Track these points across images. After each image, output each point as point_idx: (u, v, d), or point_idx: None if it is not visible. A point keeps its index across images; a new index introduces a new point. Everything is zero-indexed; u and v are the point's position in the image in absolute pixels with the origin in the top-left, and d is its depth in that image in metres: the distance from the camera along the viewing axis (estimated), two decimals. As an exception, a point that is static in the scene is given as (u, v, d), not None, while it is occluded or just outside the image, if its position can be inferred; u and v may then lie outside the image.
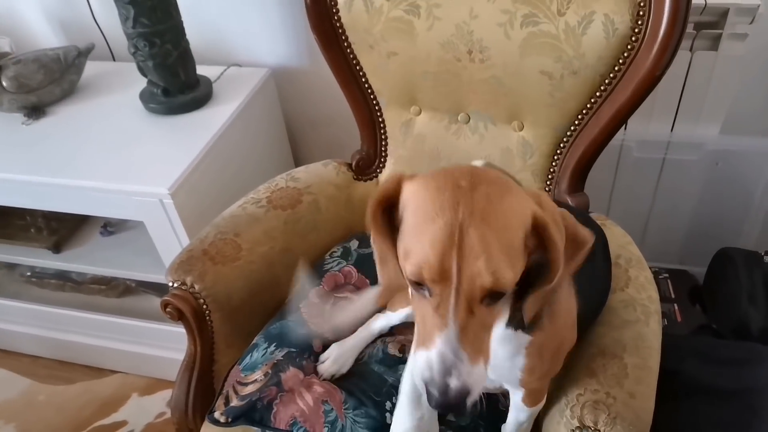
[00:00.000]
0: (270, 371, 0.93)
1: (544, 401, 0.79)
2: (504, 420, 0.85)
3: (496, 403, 0.90)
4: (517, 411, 0.79)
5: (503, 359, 0.68)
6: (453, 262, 0.50)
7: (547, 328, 0.67)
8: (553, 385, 0.81)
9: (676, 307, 1.30)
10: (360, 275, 1.11)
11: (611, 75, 0.93)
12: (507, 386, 0.77)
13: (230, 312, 1.03)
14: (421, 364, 0.53)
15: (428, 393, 0.53)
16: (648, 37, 0.88)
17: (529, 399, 0.77)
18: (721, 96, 1.23)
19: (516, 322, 0.65)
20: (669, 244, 1.50)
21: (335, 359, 0.96)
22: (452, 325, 0.51)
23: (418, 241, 0.52)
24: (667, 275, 1.40)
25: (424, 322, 0.54)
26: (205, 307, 0.99)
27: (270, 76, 1.52)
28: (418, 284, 0.53)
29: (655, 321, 0.84)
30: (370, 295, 1.03)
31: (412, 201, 0.54)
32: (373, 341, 1.00)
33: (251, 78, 1.48)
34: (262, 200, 1.13)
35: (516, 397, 0.78)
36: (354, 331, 1.01)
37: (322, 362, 0.97)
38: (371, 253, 1.14)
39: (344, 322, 1.01)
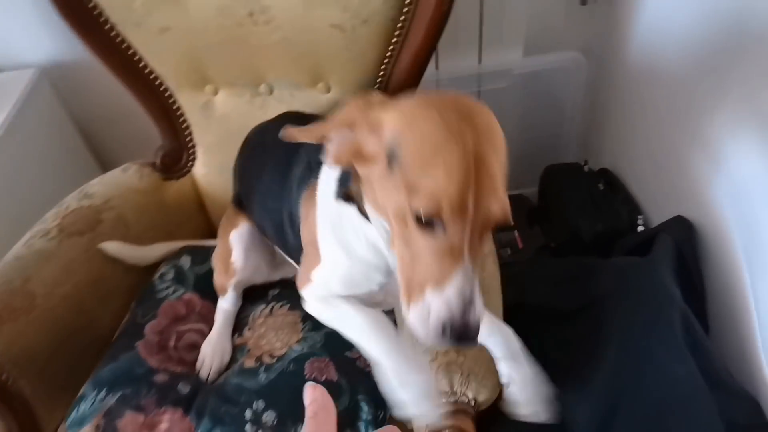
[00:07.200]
0: (102, 422, 0.81)
1: None
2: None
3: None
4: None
5: None
6: (471, 194, 0.48)
7: None
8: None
9: (517, 234, 1.34)
10: (204, 301, 0.99)
11: (402, 18, 0.88)
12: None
13: (39, 372, 0.86)
14: (437, 306, 0.50)
15: (444, 331, 0.50)
16: (427, -28, 0.84)
17: None
18: (518, 17, 1.25)
19: None
20: (503, 172, 1.54)
21: (212, 353, 0.91)
22: (467, 260, 0.50)
23: (430, 174, 0.49)
24: (505, 203, 1.43)
25: (431, 261, 0.51)
26: (4, 376, 0.82)
27: (40, 77, 1.28)
28: (427, 223, 0.50)
29: (491, 262, 0.83)
30: None
31: (410, 133, 0.51)
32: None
33: (15, 83, 1.24)
34: (51, 230, 0.94)
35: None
36: None
37: (200, 367, 0.90)
38: (209, 271, 1.00)
39: None
